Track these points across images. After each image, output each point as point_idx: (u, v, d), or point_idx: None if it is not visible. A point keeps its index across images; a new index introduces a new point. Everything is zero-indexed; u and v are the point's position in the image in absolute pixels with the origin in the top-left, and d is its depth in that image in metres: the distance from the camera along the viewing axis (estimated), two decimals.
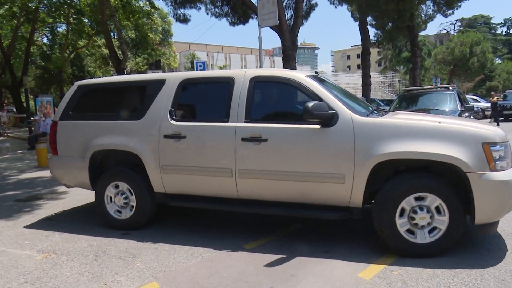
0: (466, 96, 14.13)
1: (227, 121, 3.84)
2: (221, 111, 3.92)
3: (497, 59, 58.42)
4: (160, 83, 4.23)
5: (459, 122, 3.50)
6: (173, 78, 4.22)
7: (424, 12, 27.71)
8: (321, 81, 3.92)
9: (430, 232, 3.26)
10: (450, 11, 26.98)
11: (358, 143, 3.38)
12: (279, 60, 49.37)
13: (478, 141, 3.14)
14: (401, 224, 3.29)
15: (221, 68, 44.54)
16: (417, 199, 3.25)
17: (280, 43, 16.81)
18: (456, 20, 75.51)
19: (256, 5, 14.69)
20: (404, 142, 3.24)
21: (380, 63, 58.13)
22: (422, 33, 41.69)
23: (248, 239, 3.90)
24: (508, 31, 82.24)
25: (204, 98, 4.29)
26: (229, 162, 3.79)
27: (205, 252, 3.62)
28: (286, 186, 3.66)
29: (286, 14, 18.60)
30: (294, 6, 18.09)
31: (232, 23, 20.44)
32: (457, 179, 3.25)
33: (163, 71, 24.27)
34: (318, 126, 3.52)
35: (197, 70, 15.20)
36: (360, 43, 24.81)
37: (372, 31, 28.30)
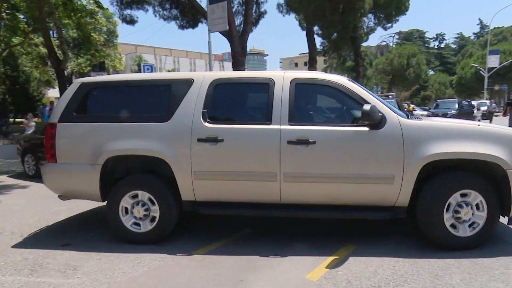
0: (403, 104, 15.15)
1: (270, 124, 3.71)
2: (261, 113, 3.81)
3: (430, 70, 63.31)
4: (187, 82, 3.95)
5: (492, 125, 3.86)
6: (202, 78, 3.96)
7: (366, 24, 29.37)
8: (359, 85, 3.97)
9: (470, 226, 3.53)
10: (389, 25, 28.87)
11: (407, 144, 3.51)
12: (228, 65, 49.49)
13: (503, 134, 3.53)
14: (447, 219, 3.51)
15: (169, 71, 43.59)
16: (462, 195, 3.52)
17: (230, 49, 16.89)
18: (395, 33, 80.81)
19: (206, 9, 14.65)
20: (451, 143, 3.48)
21: (326, 71, 60.44)
22: (364, 44, 44.02)
23: (197, 245, 3.85)
24: (440, 45, 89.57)
25: (240, 100, 4.11)
26: (273, 166, 3.66)
27: (152, 260, 3.51)
28: (333, 188, 3.65)
29: (236, 20, 18.72)
30: (243, 12, 18.30)
31: (181, 27, 20.19)
32: (489, 176, 3.61)
33: (108, 73, 23.27)
34: (366, 129, 3.59)
35: (144, 73, 14.79)
36: (307, 51, 25.62)
37: (318, 40, 29.36)
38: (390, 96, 10.04)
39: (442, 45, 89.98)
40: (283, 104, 3.73)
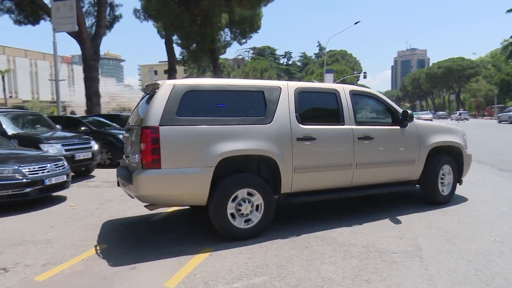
0: None
1: (344, 124, 4.74)
2: (335, 116, 4.78)
3: None
4: (277, 90, 4.48)
5: (451, 125, 6.12)
6: (286, 86, 4.58)
7: (223, 38, 30.90)
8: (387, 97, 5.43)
9: (447, 186, 5.56)
10: (244, 40, 31.07)
11: (420, 137, 5.25)
12: (79, 69, 44.96)
13: (463, 133, 5.92)
14: (440, 187, 5.44)
15: (2, 73, 37.02)
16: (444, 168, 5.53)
17: (81, 51, 15.52)
18: (250, 48, 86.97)
19: (50, 6, 13.13)
20: (439, 136, 5.47)
21: None
22: (222, 56, 45.99)
23: (42, 268, 3.44)
24: (288, 62, 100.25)
25: (316, 105, 4.90)
26: (350, 157, 4.70)
27: None
28: (383, 171, 5.03)
29: (87, 21, 17.31)
30: (96, 14, 17.06)
31: (18, 22, 17.58)
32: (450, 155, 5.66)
33: None
34: (398, 127, 5.13)
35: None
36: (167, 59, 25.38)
37: (178, 50, 29.47)
38: None
39: (290, 62, 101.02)
40: (349, 109, 4.82)
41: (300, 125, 4.43)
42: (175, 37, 25.54)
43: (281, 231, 4.42)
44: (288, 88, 4.56)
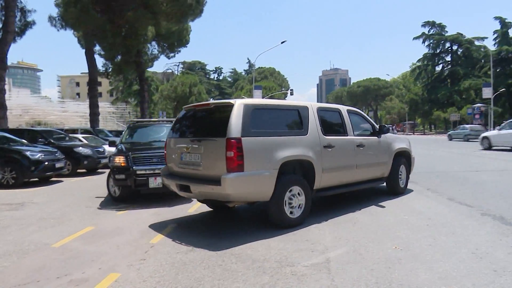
0: None
1: (347, 135, 6.26)
2: (340, 129, 6.26)
3: (211, 99, 70.34)
4: (306, 108, 5.73)
5: (403, 135, 10.58)
6: (310, 105, 5.86)
7: (150, 51, 30.12)
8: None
9: (403, 181, 7.62)
10: (172, 54, 30.61)
11: (389, 144, 7.19)
12: None
13: (409, 141, 8.06)
14: (400, 179, 7.40)
15: None
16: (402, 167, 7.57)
17: None
18: (179, 62, 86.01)
19: None
20: (399, 144, 7.50)
21: (112, 93, 57.92)
22: (151, 70, 44.71)
23: None
24: (218, 77, 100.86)
25: (330, 120, 6.19)
26: (353, 160, 6.25)
27: None
28: (369, 170, 6.67)
29: None
30: (3, 19, 15.56)
31: None
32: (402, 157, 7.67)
33: None
34: (376, 137, 6.93)
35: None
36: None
37: (101, 61, 28.06)
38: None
39: (221, 78, 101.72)
40: (348, 124, 6.38)
41: (324, 136, 5.75)
42: (98, 48, 24.28)
43: (198, 249, 4.29)
44: (312, 107, 5.86)
